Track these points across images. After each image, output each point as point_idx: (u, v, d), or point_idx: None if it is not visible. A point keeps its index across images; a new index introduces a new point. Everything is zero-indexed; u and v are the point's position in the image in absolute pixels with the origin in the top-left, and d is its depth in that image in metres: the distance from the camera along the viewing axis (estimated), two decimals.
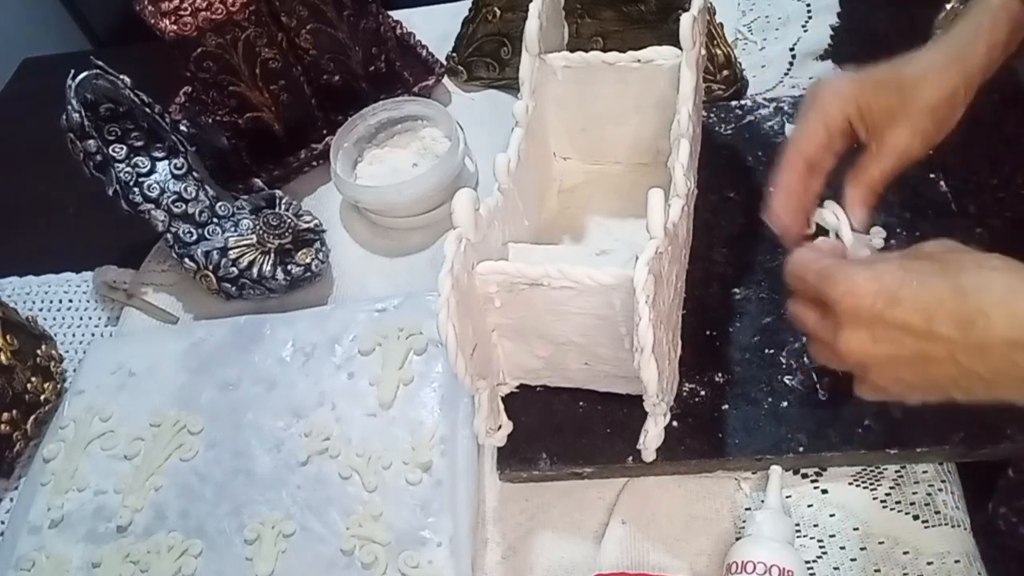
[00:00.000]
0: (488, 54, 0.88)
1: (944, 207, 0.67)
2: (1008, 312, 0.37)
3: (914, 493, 0.56)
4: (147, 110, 0.74)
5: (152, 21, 0.71)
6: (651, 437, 0.55)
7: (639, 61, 0.62)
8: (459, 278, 0.50)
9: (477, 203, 0.53)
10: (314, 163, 0.85)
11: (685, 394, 0.61)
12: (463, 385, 0.53)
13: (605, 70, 0.63)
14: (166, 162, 0.77)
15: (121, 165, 0.75)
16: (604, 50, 0.64)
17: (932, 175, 0.68)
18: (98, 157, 0.73)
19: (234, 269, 0.73)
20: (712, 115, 0.77)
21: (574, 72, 0.64)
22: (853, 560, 0.55)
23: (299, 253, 0.75)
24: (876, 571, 0.54)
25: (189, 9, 0.71)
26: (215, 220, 0.77)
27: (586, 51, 0.64)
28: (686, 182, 0.56)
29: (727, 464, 0.59)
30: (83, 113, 0.71)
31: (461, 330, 0.50)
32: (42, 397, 0.72)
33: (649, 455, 0.56)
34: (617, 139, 0.69)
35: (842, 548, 0.56)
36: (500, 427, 0.59)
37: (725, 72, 0.80)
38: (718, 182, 0.71)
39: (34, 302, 0.82)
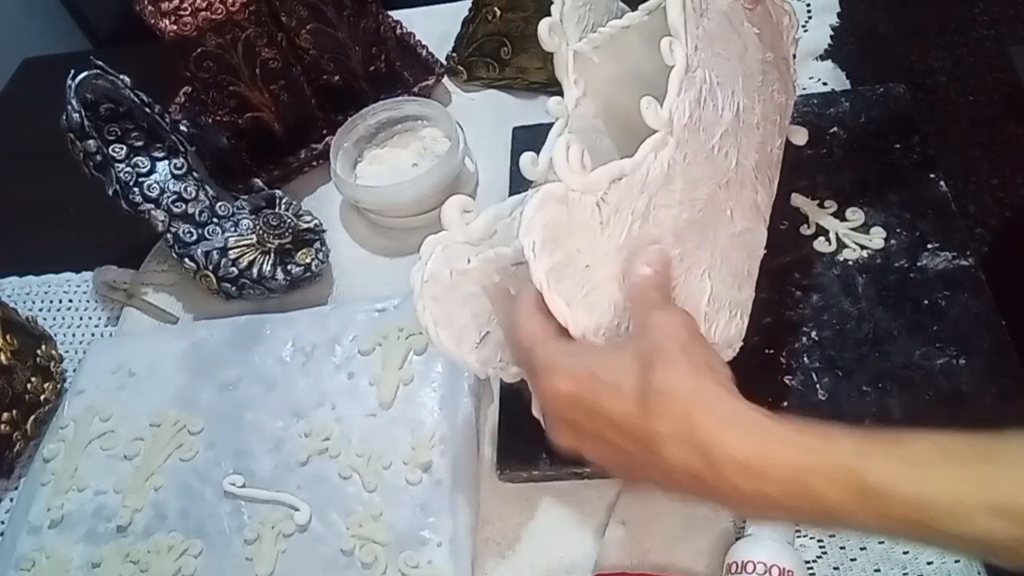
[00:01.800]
0: (488, 54, 0.88)
1: (944, 207, 0.67)
2: (681, 441, 0.39)
3: None
4: (147, 110, 0.74)
5: (152, 21, 0.71)
6: None
7: (649, 13, 0.61)
8: (438, 275, 0.49)
9: (469, 206, 0.52)
10: (314, 163, 0.85)
11: None
12: (480, 376, 0.52)
13: (628, 35, 0.62)
14: (166, 162, 0.77)
15: (121, 165, 0.75)
16: None
17: (932, 175, 0.68)
18: (98, 157, 0.73)
19: (234, 269, 0.73)
20: None
21: (606, 51, 0.62)
22: (853, 560, 0.55)
23: (299, 253, 0.75)
24: (876, 571, 0.54)
25: (189, 9, 0.71)
26: (215, 220, 0.77)
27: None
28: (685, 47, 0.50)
29: None
30: (83, 113, 0.71)
31: (458, 325, 0.49)
32: (42, 397, 0.72)
33: None
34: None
35: (842, 548, 0.56)
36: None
37: None
38: None
39: (34, 302, 0.82)
